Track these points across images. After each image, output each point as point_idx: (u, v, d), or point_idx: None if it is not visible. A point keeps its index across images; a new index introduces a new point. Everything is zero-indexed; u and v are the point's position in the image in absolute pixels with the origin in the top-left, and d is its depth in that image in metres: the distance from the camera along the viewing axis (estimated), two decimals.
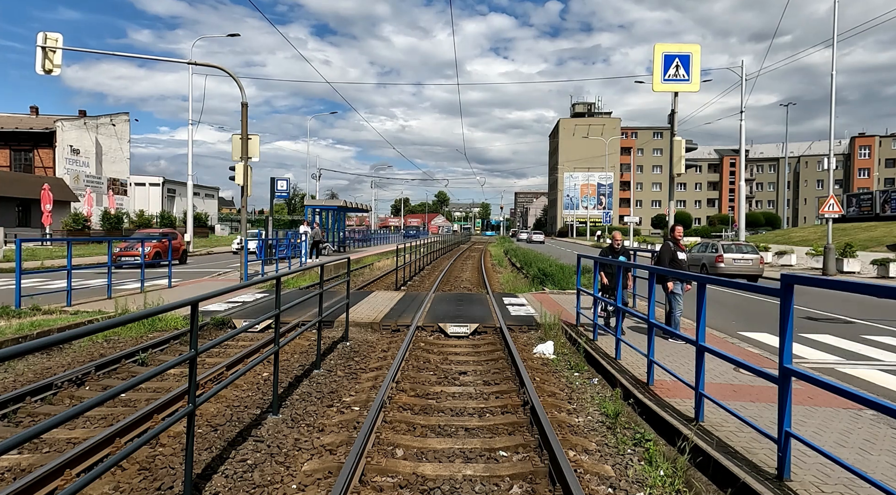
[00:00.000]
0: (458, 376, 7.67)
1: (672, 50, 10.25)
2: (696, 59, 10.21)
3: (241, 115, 17.06)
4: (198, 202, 71.05)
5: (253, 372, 7.68)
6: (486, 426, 5.73)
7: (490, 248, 55.25)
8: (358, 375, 7.77)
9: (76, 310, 11.23)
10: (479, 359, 8.69)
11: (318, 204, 36.38)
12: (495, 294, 16.52)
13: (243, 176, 17.21)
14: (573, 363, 8.43)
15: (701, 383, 5.23)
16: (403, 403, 6.36)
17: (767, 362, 7.77)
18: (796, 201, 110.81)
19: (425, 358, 8.64)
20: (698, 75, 10.37)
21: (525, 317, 11.82)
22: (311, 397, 6.71)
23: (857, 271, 23.94)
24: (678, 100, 10.79)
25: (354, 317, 11.34)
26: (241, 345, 9.39)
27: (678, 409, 5.72)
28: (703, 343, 5.17)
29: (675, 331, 7.43)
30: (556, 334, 10.00)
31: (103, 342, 9.34)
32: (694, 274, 5.58)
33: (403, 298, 14.57)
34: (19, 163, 47.20)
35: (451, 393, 6.85)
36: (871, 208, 55.85)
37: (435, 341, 10.01)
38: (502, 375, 7.67)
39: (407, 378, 7.47)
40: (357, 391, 6.98)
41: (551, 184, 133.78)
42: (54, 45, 17.02)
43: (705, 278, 5.27)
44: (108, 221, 44.64)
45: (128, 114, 57.47)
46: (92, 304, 12.04)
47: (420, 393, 6.79)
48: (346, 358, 8.79)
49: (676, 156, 10.23)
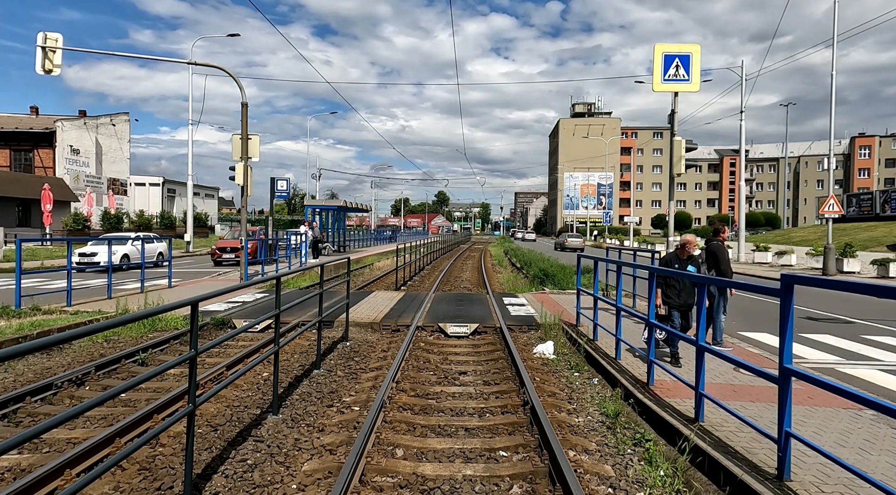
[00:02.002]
0: (458, 376, 7.67)
1: (672, 50, 10.26)
2: (696, 59, 10.21)
3: (241, 115, 17.06)
4: (198, 202, 71.05)
5: (253, 372, 7.68)
6: (486, 426, 5.73)
7: (490, 248, 55.24)
8: (358, 375, 7.77)
9: (76, 310, 11.23)
10: (479, 359, 8.69)
11: (317, 204, 36.37)
12: (495, 294, 16.52)
13: (243, 176, 17.20)
14: (573, 363, 8.43)
15: (701, 383, 5.23)
16: (403, 403, 6.36)
17: (767, 362, 7.77)
18: (796, 201, 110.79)
19: (425, 358, 8.64)
20: (698, 75, 10.37)
21: (525, 317, 11.82)
22: (311, 397, 6.71)
23: (857, 271, 23.93)
24: (678, 100, 10.80)
25: (354, 317, 11.34)
26: (241, 345, 9.39)
27: (678, 409, 5.72)
28: (703, 343, 5.17)
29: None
30: (557, 334, 10.00)
31: (103, 342, 9.34)
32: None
33: (403, 298, 14.57)
34: (19, 163, 47.20)
35: (451, 393, 6.85)
36: (871, 208, 55.86)
37: (435, 341, 10.00)
38: (502, 375, 7.67)
39: (407, 378, 7.47)
40: (357, 391, 6.98)
41: (551, 184, 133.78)
42: (54, 45, 17.00)
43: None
44: (108, 221, 44.65)
45: (128, 114, 57.49)
46: (92, 304, 12.04)
47: (420, 393, 6.79)
48: (347, 358, 8.79)
49: (676, 156, 10.23)
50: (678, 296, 7.30)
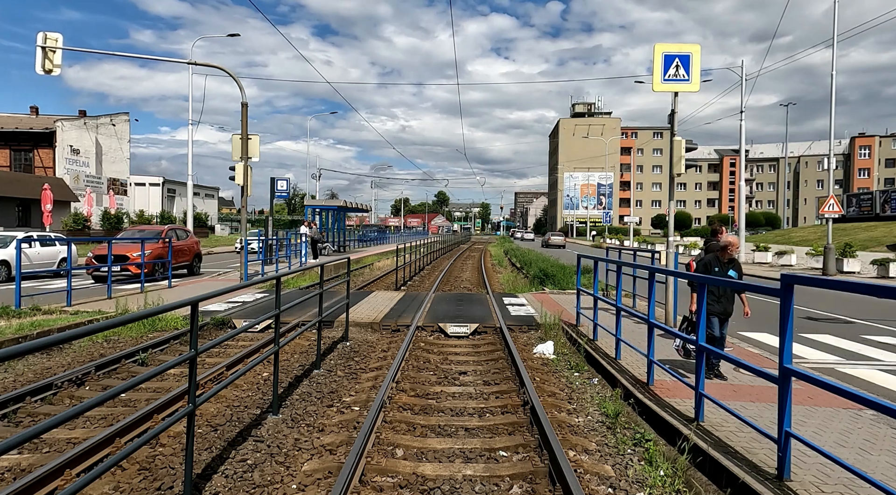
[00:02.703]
0: (458, 376, 7.67)
1: (672, 50, 10.25)
2: (696, 59, 10.20)
3: (241, 115, 17.06)
4: (198, 202, 71.05)
5: (253, 372, 7.68)
6: (486, 426, 5.73)
7: (490, 248, 55.25)
8: (358, 375, 7.77)
9: (76, 310, 11.24)
10: (479, 359, 8.69)
11: (317, 204, 36.37)
12: (495, 294, 16.52)
13: (243, 176, 17.21)
14: (573, 363, 8.43)
15: (701, 383, 5.23)
16: (403, 403, 6.36)
17: (767, 362, 7.77)
18: (796, 201, 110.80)
19: (425, 358, 8.64)
20: (698, 75, 10.36)
21: (525, 317, 11.82)
22: (311, 397, 6.71)
23: (857, 271, 23.93)
24: (678, 100, 10.79)
25: (354, 317, 11.34)
26: (241, 345, 9.39)
27: (678, 409, 5.72)
28: (703, 343, 5.17)
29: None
30: (557, 334, 10.00)
31: (103, 342, 9.34)
32: (704, 276, 5.57)
33: (403, 298, 14.57)
34: (19, 163, 47.18)
35: (451, 393, 6.85)
36: (872, 208, 55.86)
37: (435, 341, 10.01)
38: (502, 375, 7.67)
39: (407, 378, 7.47)
40: (357, 391, 6.98)
41: (551, 184, 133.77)
42: (54, 45, 17.00)
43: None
44: (108, 221, 44.62)
45: (128, 114, 57.43)
46: (92, 304, 12.05)
47: (420, 393, 6.79)
48: (347, 358, 8.79)
49: (676, 155, 10.22)
50: (717, 302, 6.73)
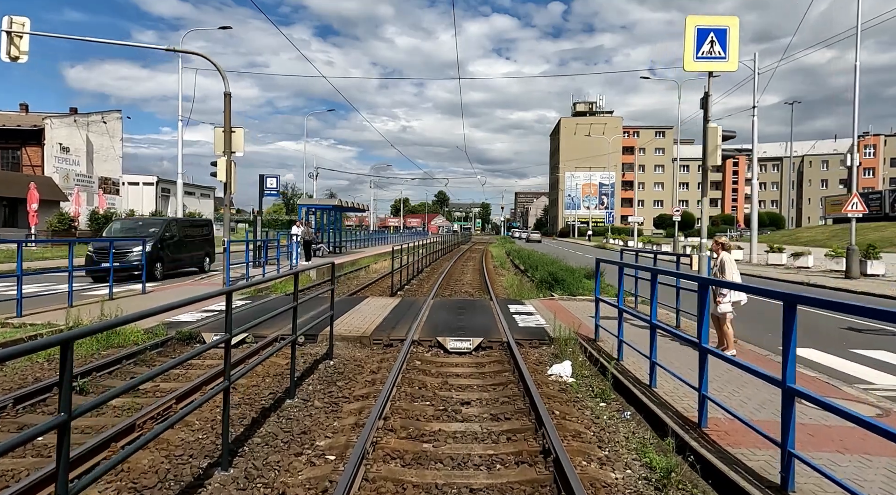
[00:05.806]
0: (459, 407, 6.33)
1: (706, 23, 8.90)
2: (735, 33, 8.85)
3: (224, 105, 15.72)
4: (193, 202, 69.68)
5: (213, 402, 6.31)
6: (497, 485, 4.40)
7: (491, 249, 53.82)
8: (339, 406, 6.43)
9: (21, 323, 9.82)
10: (484, 383, 7.35)
11: (311, 203, 34.99)
12: (499, 300, 15.16)
13: (226, 172, 15.85)
14: (597, 389, 7.08)
15: (791, 435, 3.87)
16: (392, 450, 5.03)
17: (841, 394, 6.40)
18: (800, 201, 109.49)
19: (421, 382, 7.30)
20: (736, 53, 9.04)
21: (535, 329, 10.47)
22: (276, 440, 5.36)
23: (882, 274, 22.52)
24: (711, 82, 9.48)
25: (341, 329, 9.99)
26: (207, 364, 8.05)
27: (751, 467, 4.36)
28: (792, 384, 3.82)
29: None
30: (573, 351, 8.65)
31: (44, 362, 7.98)
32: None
33: (399, 305, 13.21)
34: (7, 161, 45.80)
35: (452, 434, 5.52)
36: (881, 208, 54.53)
37: (433, 359, 8.67)
38: (513, 407, 6.33)
39: (398, 411, 6.13)
40: (335, 430, 5.64)
41: (552, 183, 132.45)
42: (21, 30, 15.65)
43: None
44: (95, 221, 43.10)
45: (120, 111, 55.96)
46: (46, 315, 10.64)
47: (413, 434, 5.45)
48: (328, 382, 7.44)
49: (711, 145, 8.88)
50: None
